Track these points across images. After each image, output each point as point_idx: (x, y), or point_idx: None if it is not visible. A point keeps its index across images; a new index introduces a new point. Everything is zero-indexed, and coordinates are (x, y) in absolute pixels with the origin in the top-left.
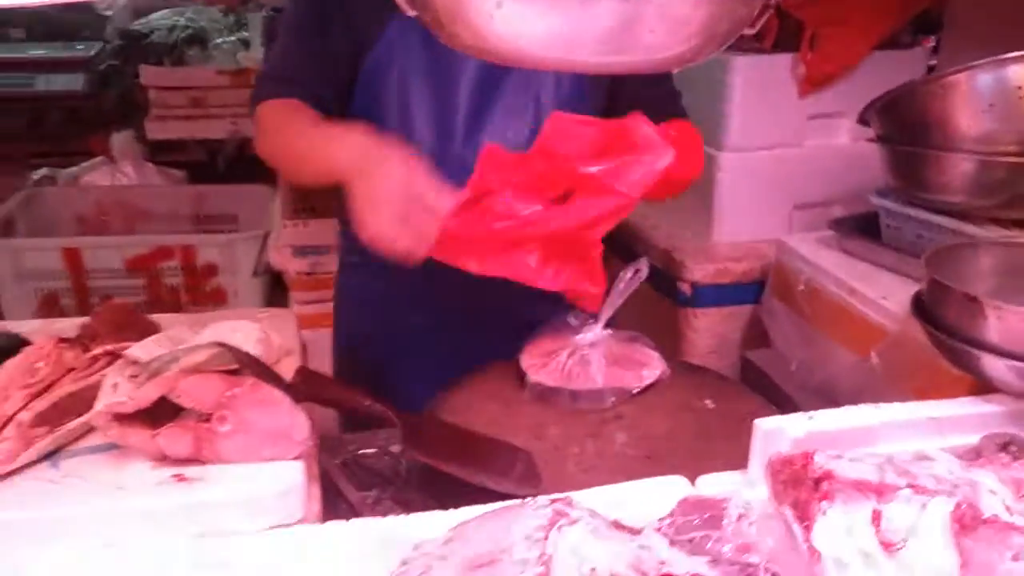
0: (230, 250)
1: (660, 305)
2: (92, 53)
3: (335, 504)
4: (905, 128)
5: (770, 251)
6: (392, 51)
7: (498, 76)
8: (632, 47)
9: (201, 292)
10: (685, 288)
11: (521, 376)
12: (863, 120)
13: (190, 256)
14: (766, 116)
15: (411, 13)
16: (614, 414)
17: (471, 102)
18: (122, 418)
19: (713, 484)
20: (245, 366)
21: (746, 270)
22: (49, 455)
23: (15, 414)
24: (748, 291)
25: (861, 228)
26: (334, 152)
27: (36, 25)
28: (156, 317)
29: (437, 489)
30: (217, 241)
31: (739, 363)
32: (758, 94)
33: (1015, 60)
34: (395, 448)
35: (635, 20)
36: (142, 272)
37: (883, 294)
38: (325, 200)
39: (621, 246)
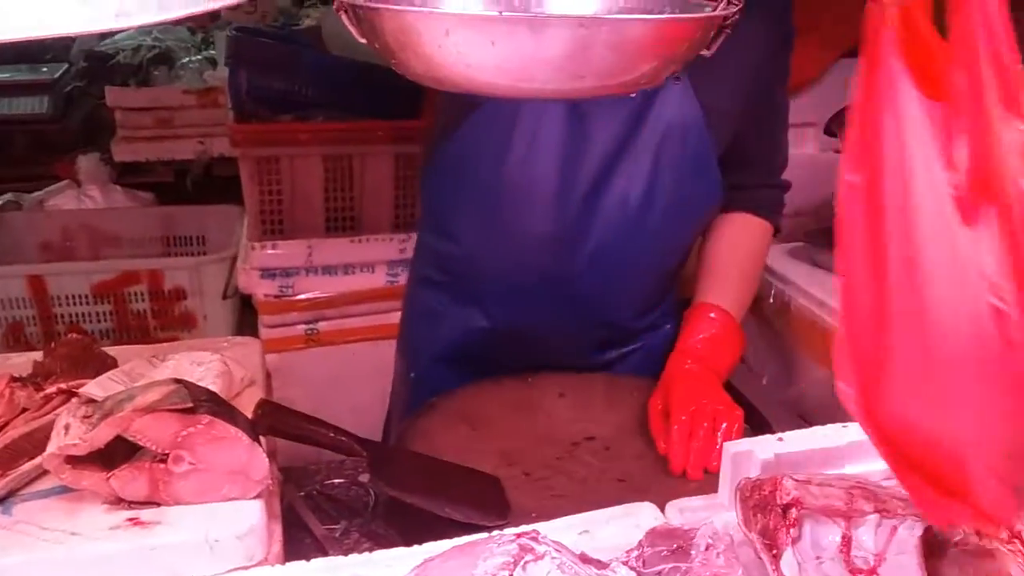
0: (198, 273)
1: None
2: (57, 75)
3: (300, 539)
4: None
5: None
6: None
7: (627, 136)
8: (586, 73)
9: (170, 316)
10: None
11: None
12: (829, 131)
13: (157, 280)
14: None
15: (362, 41)
16: (585, 436)
17: (599, 165)
18: (75, 460)
19: (683, 509)
20: (201, 403)
21: None
22: (1, 500)
23: None
24: None
25: (831, 240)
26: None
27: None
28: (115, 350)
29: (405, 521)
30: (184, 264)
31: None
32: None
33: None
34: (363, 478)
35: (587, 47)
36: (108, 298)
37: None
38: (294, 221)
39: None
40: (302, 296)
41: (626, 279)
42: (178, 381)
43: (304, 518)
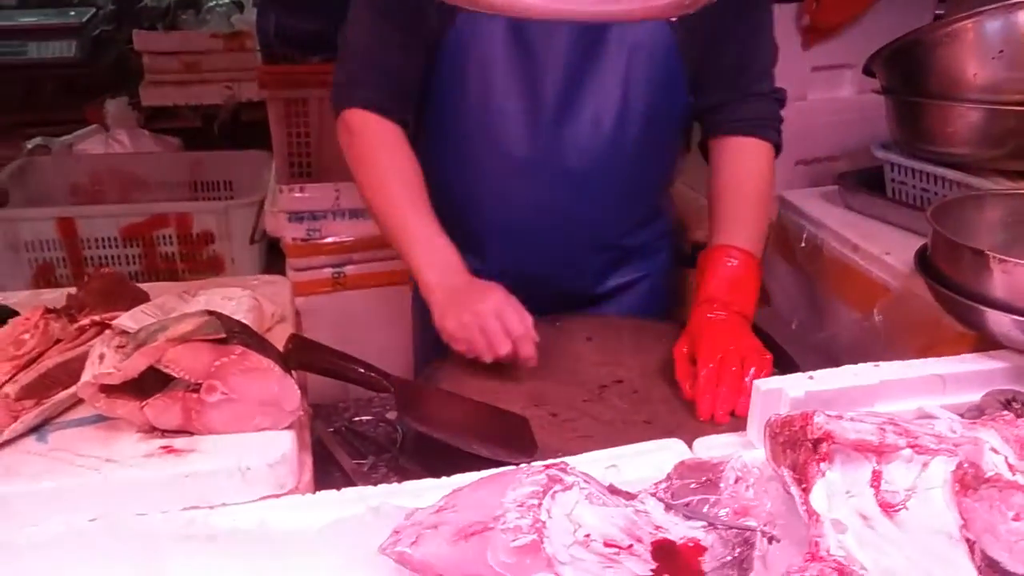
0: (226, 217)
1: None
2: (85, 19)
3: (329, 472)
4: (911, 78)
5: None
6: (468, 36)
7: (589, 57)
8: None
9: (197, 260)
10: (686, 247)
11: None
12: (868, 70)
13: (185, 224)
14: None
15: None
16: (613, 379)
17: (562, 86)
18: (109, 389)
19: (711, 447)
20: (234, 335)
21: None
22: (36, 428)
23: (0, 387)
24: None
25: (866, 183)
26: (423, 272)
27: None
28: (147, 286)
29: (432, 457)
30: (213, 208)
31: None
32: None
33: None
34: (391, 415)
35: None
36: (137, 241)
37: (886, 250)
38: (322, 164)
39: None
40: (329, 239)
41: (609, 196)
42: (211, 313)
43: (333, 452)
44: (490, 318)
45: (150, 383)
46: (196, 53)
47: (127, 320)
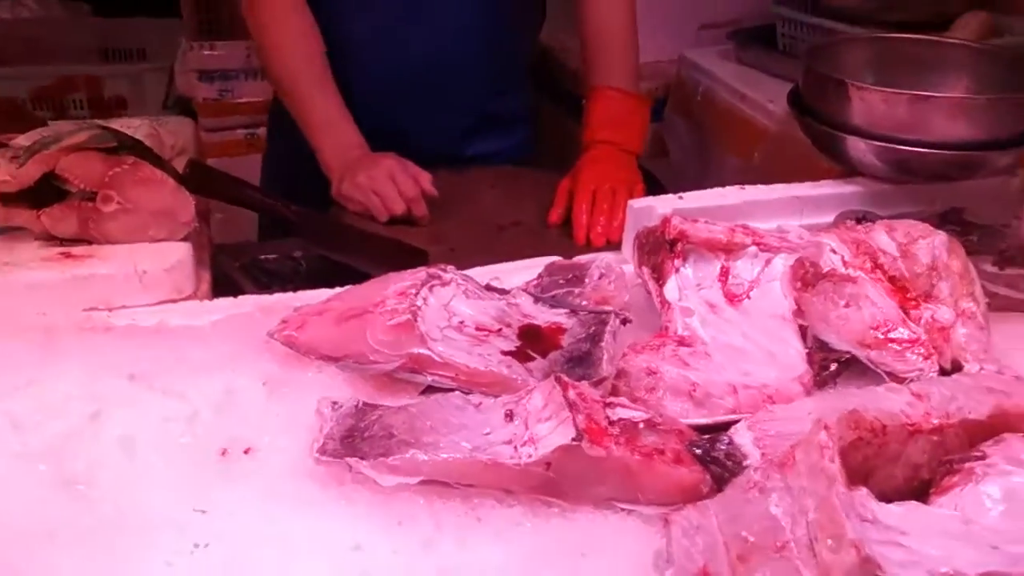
0: (138, 82)
1: (574, 127)
2: None
3: None
4: None
5: (674, 70)
6: None
7: None
8: None
9: None
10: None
11: None
12: None
13: (96, 88)
14: None
15: None
16: (511, 221)
17: None
18: (5, 199)
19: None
20: (127, 147)
21: (650, 88)
22: None
23: None
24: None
25: (759, 39)
26: (323, 149)
27: None
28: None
29: (332, 284)
30: (124, 72)
31: None
32: None
33: None
34: (297, 254)
35: None
36: (47, 104)
37: (770, 98)
38: (234, 23)
39: (535, 70)
40: (243, 100)
41: (470, 48)
42: (105, 127)
43: (239, 283)
44: (383, 180)
45: (48, 196)
46: None
47: (23, 140)
